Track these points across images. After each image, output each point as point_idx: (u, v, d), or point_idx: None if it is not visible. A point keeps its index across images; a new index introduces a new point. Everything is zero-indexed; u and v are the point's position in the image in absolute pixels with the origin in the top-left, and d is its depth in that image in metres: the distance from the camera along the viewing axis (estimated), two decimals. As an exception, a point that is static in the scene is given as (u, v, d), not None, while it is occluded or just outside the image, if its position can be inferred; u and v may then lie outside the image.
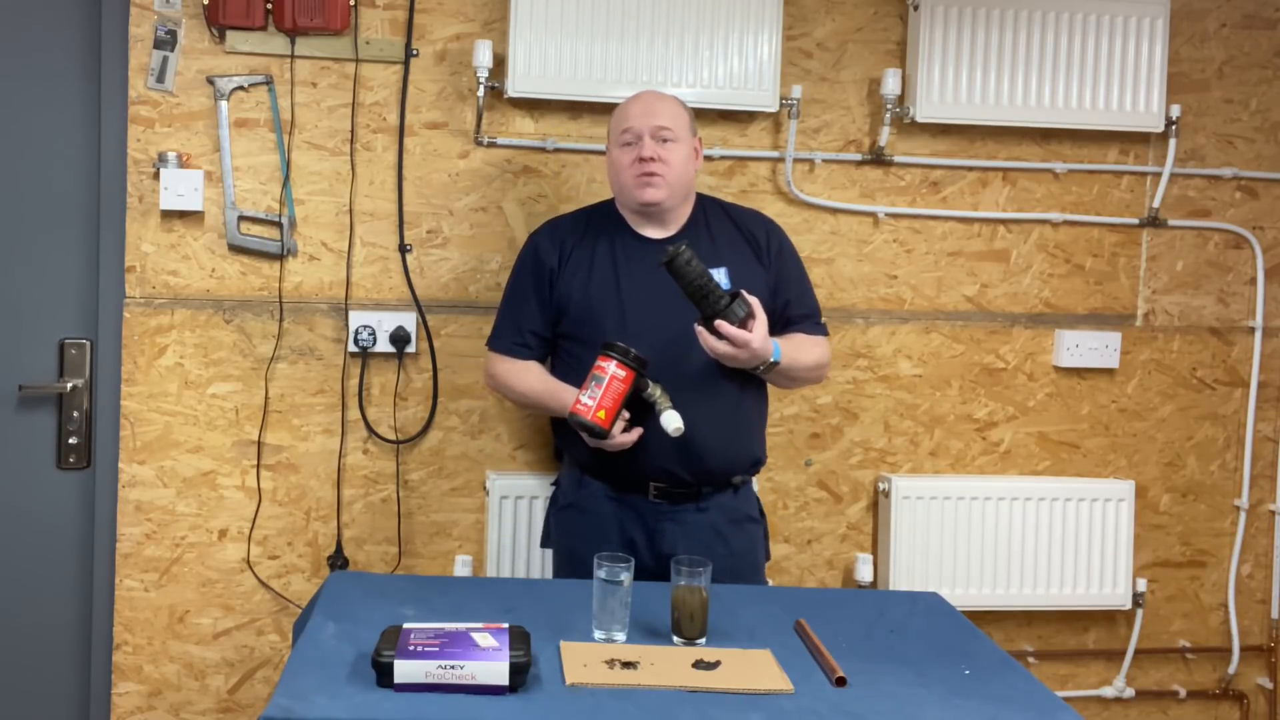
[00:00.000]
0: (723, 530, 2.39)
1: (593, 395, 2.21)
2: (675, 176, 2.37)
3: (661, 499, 2.36)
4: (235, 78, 2.72)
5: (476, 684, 1.67)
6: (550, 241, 2.46)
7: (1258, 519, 3.15)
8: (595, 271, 2.40)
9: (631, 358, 2.21)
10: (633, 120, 2.37)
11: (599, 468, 2.38)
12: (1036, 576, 2.96)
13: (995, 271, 3.01)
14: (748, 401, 2.42)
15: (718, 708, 1.68)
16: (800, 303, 2.48)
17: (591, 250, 2.42)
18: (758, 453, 2.47)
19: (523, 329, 2.46)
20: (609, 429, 2.23)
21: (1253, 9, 3.05)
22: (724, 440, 2.36)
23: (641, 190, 2.36)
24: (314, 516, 2.83)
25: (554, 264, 2.43)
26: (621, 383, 2.21)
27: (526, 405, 2.60)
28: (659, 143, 2.35)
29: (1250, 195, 3.09)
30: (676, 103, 2.44)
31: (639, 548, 2.35)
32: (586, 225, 2.47)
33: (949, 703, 1.75)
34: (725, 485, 2.40)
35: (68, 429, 2.77)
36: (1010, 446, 3.05)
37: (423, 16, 2.77)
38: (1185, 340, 3.09)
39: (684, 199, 2.44)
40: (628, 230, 2.44)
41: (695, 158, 2.44)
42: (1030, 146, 2.99)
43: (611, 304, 2.36)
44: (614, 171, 2.42)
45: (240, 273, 2.76)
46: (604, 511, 2.39)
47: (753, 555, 2.45)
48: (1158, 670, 3.16)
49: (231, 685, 2.83)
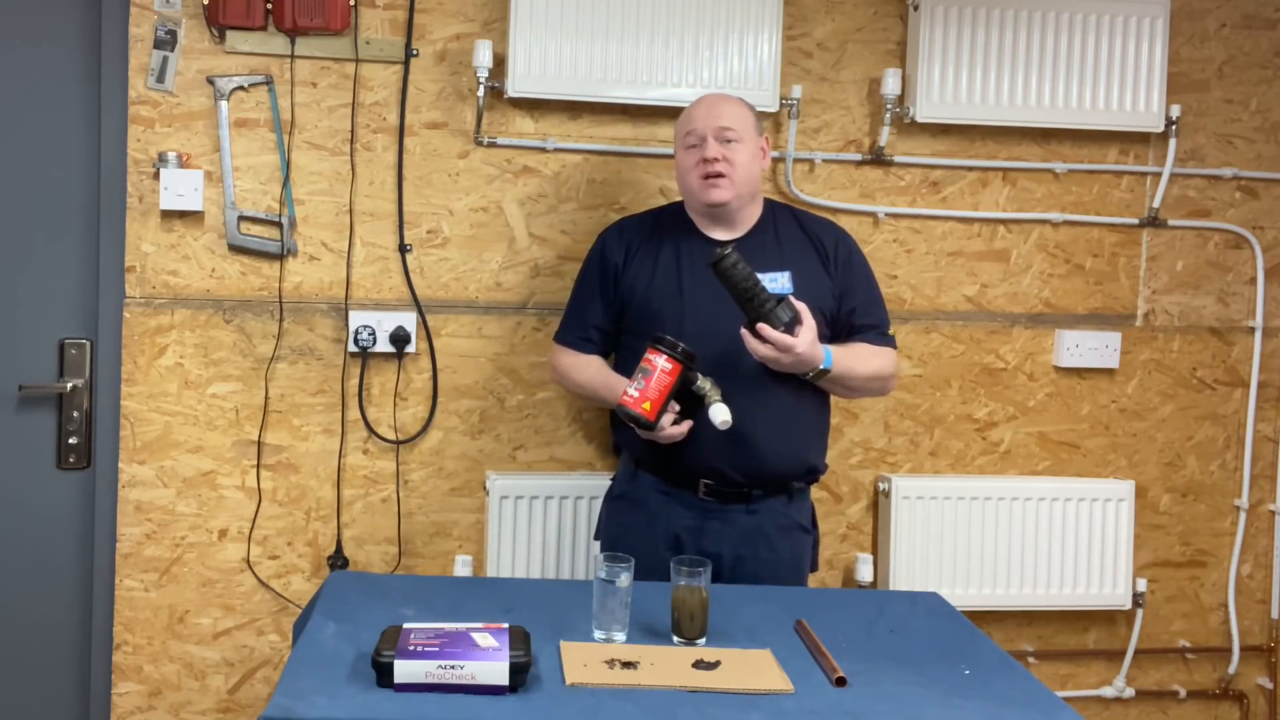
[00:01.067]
0: (770, 535, 2.39)
1: (639, 387, 2.23)
2: (741, 176, 2.38)
3: (710, 497, 2.37)
4: (235, 78, 2.72)
5: (476, 684, 1.67)
6: (618, 240, 2.50)
7: (1258, 519, 3.15)
8: (659, 269, 2.42)
9: (680, 351, 2.22)
10: (696, 122, 2.39)
11: (652, 461, 2.40)
12: (1036, 576, 2.96)
13: (995, 271, 3.02)
14: (804, 408, 2.41)
15: (718, 708, 1.68)
16: (866, 312, 2.47)
17: (657, 249, 2.45)
18: (814, 460, 2.46)
19: (586, 324, 2.50)
20: (655, 420, 2.24)
21: (1253, 9, 3.05)
22: (776, 443, 2.36)
23: (706, 191, 2.37)
24: (314, 516, 2.83)
25: (619, 261, 2.46)
26: (668, 375, 2.22)
27: (585, 396, 2.63)
28: (723, 143, 2.36)
29: (1250, 195, 3.09)
30: (740, 103, 2.45)
31: (684, 543, 2.36)
32: (655, 225, 2.50)
33: (949, 703, 1.75)
34: (779, 490, 2.40)
35: (68, 429, 2.77)
36: (1010, 446, 3.05)
37: (423, 16, 2.77)
38: (1185, 340, 3.09)
39: (751, 199, 2.44)
40: (695, 231, 2.46)
41: (762, 157, 2.45)
42: (1030, 146, 2.99)
43: (673, 302, 2.38)
44: (680, 174, 2.45)
45: (240, 273, 2.76)
46: (654, 504, 2.41)
47: (799, 564, 2.45)
48: (1158, 670, 3.16)
49: (231, 685, 2.83)
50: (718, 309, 2.31)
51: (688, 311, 2.36)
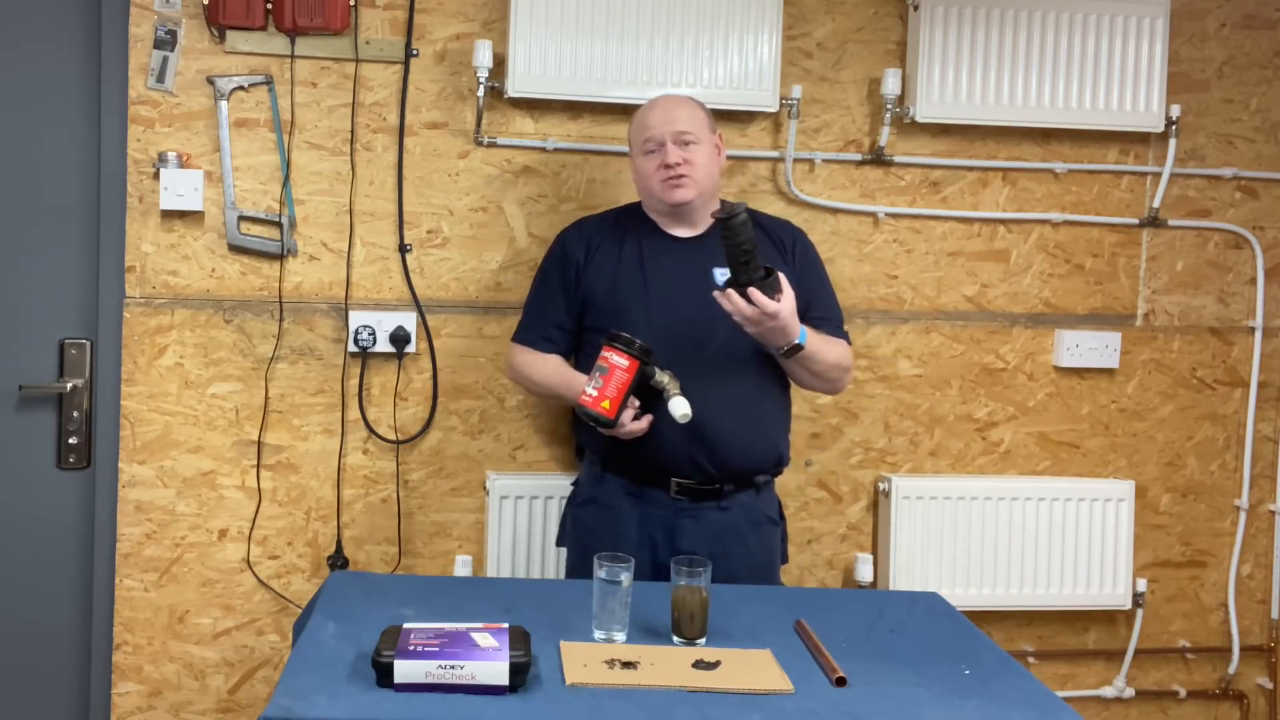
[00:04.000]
0: (742, 530, 2.39)
1: (597, 386, 2.23)
2: (702, 176, 2.40)
3: (683, 495, 2.37)
4: (235, 78, 2.71)
5: (476, 684, 1.67)
6: (578, 238, 2.51)
7: (1258, 519, 3.15)
8: (623, 266, 2.43)
9: (636, 348, 2.22)
10: (653, 129, 2.40)
11: (619, 463, 2.40)
12: (1036, 576, 2.96)
13: (995, 271, 3.02)
14: (770, 398, 2.43)
15: (718, 708, 1.68)
16: (823, 306, 2.49)
17: (619, 246, 2.45)
18: (780, 450, 2.47)
19: (548, 323, 2.50)
20: (615, 418, 2.24)
21: (1253, 9, 3.05)
22: (744, 434, 2.37)
23: (670, 192, 2.39)
24: (314, 516, 2.83)
25: (580, 259, 2.47)
26: (626, 372, 2.22)
27: (544, 395, 2.63)
28: (681, 146, 2.38)
29: (1250, 195, 3.09)
30: (693, 103, 2.46)
31: (658, 544, 2.35)
32: (615, 223, 2.52)
33: (949, 703, 1.75)
34: (747, 484, 2.41)
35: (68, 429, 2.77)
36: (1010, 446, 3.05)
37: (423, 16, 2.77)
38: (1185, 340, 3.09)
39: (711, 196, 2.46)
40: (657, 229, 2.47)
41: (718, 154, 2.47)
42: (1030, 146, 2.99)
43: (638, 298, 2.39)
44: (640, 179, 2.45)
45: (240, 273, 2.76)
46: (623, 507, 2.40)
47: (770, 557, 2.46)
48: (1158, 670, 3.16)
49: (231, 685, 2.83)
50: (683, 304, 2.33)
51: (654, 306, 2.37)
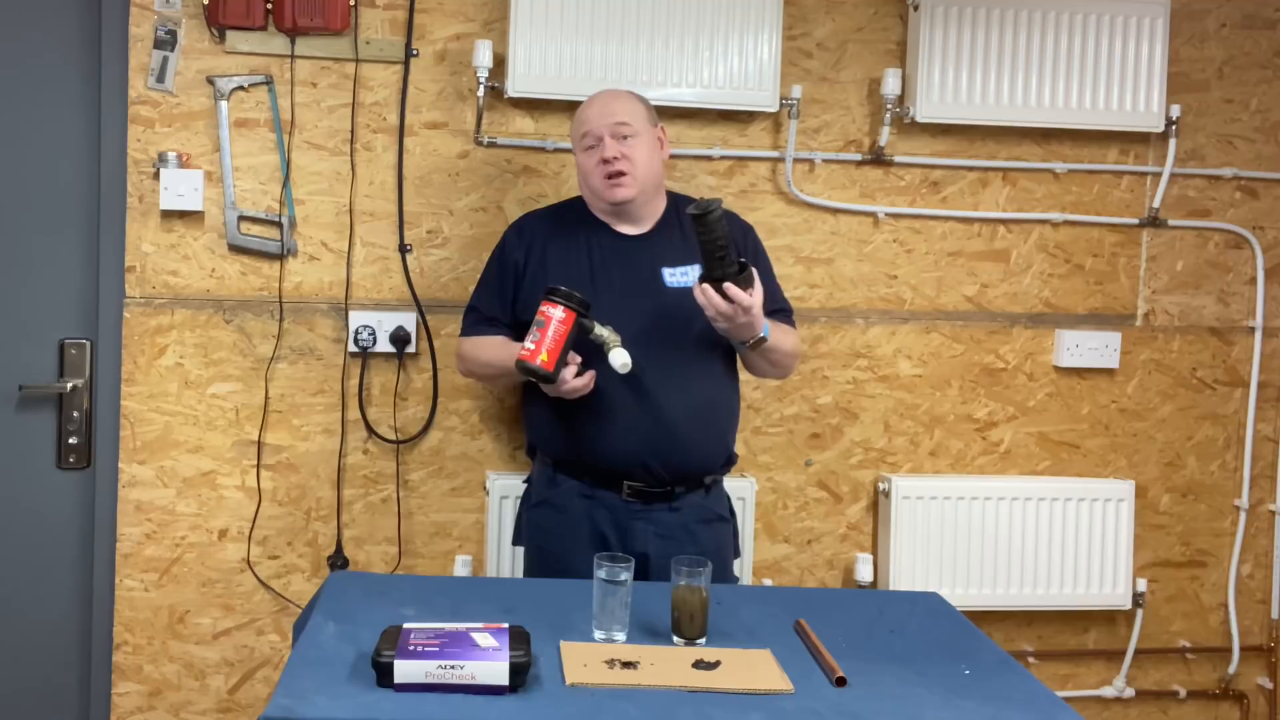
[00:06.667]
0: (693, 529, 2.40)
1: (535, 339, 2.21)
2: (642, 172, 2.39)
3: (634, 498, 2.37)
4: (235, 78, 2.71)
5: (476, 684, 1.67)
6: (517, 239, 2.50)
7: (1258, 519, 3.15)
8: (571, 262, 2.42)
9: (575, 301, 2.21)
10: (591, 123, 2.40)
11: (572, 464, 2.40)
12: (1036, 576, 2.96)
13: (995, 271, 3.01)
14: (722, 397, 2.45)
15: (718, 708, 1.67)
16: (774, 299, 2.50)
17: (565, 243, 2.45)
18: (731, 448, 2.50)
19: (496, 321, 2.49)
20: (554, 371, 2.22)
21: (1253, 9, 3.05)
22: (699, 435, 2.38)
23: (611, 191, 2.39)
24: (314, 516, 2.83)
25: (520, 259, 2.46)
26: (564, 325, 2.21)
27: (493, 376, 2.59)
28: (619, 140, 2.37)
29: (1250, 195, 3.09)
30: (632, 96, 2.46)
31: (611, 545, 2.36)
32: (558, 220, 2.51)
33: (949, 703, 1.75)
34: (697, 485, 2.42)
35: (68, 429, 2.77)
36: (1010, 446, 3.05)
37: (423, 16, 2.77)
38: (1185, 340, 3.09)
39: (655, 192, 2.46)
40: (602, 226, 2.46)
41: (661, 148, 2.46)
42: (1030, 146, 2.99)
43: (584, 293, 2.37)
44: (583, 176, 2.45)
45: (240, 273, 2.76)
46: (577, 509, 2.40)
47: (722, 554, 2.46)
48: (1158, 670, 3.16)
49: (231, 685, 2.83)
50: (631, 302, 2.34)
51: (602, 302, 2.33)
